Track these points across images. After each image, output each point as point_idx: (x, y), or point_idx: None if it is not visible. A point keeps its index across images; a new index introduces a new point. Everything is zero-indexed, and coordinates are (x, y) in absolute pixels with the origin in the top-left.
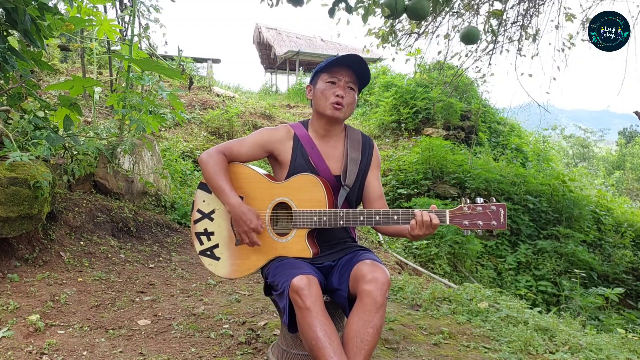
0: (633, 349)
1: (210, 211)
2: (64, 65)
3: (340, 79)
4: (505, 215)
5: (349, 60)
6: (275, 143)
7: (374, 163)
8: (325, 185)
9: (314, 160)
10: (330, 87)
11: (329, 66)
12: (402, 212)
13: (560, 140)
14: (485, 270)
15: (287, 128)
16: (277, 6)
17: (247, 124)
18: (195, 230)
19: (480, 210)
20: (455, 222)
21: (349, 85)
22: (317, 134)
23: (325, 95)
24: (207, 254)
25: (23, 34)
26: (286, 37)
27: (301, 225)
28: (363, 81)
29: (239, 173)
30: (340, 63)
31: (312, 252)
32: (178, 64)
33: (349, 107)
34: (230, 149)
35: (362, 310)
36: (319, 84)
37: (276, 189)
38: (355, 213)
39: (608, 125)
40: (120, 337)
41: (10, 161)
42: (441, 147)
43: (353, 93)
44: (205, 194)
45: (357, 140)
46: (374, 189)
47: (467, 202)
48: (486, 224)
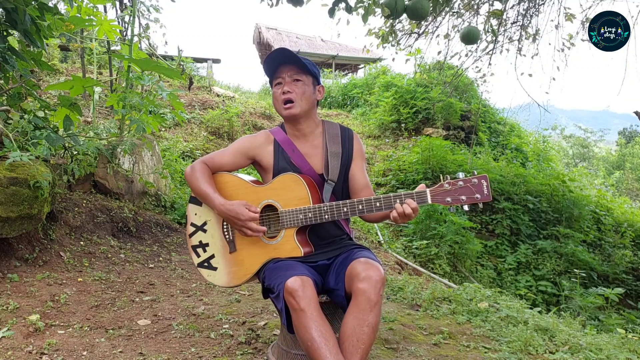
0: (633, 349)
1: (203, 223)
2: (64, 65)
3: (283, 77)
4: (489, 186)
5: (277, 57)
6: (256, 149)
7: (357, 154)
8: (308, 182)
9: (296, 162)
10: (278, 88)
11: (268, 73)
12: (383, 198)
13: (560, 140)
14: (485, 270)
15: (266, 134)
16: (277, 6)
17: (247, 124)
18: (191, 244)
19: (461, 185)
20: (437, 201)
21: (293, 78)
22: (294, 136)
23: (276, 98)
24: (205, 266)
25: (23, 34)
26: (286, 37)
27: (288, 224)
28: (307, 69)
29: (225, 182)
30: (273, 63)
31: (302, 251)
32: (178, 64)
33: (302, 98)
34: (212, 159)
35: (356, 309)
36: (272, 92)
37: (262, 192)
38: (338, 205)
39: (608, 125)
40: (120, 337)
41: (10, 161)
42: (441, 147)
43: (301, 83)
44: (196, 207)
45: (336, 134)
46: (358, 179)
47: (448, 179)
48: (470, 198)
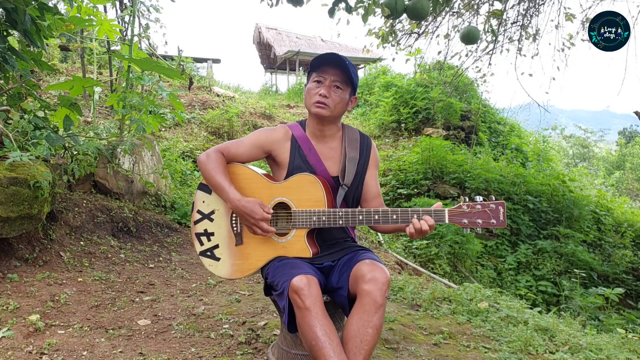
0: (633, 349)
1: (210, 212)
2: (64, 65)
3: (325, 77)
4: (505, 213)
5: (334, 58)
6: (273, 144)
7: (372, 162)
8: (324, 185)
9: (312, 161)
10: (316, 86)
11: (316, 65)
12: (401, 212)
13: (560, 140)
14: (485, 270)
15: (285, 129)
16: (277, 6)
17: (247, 124)
18: (196, 231)
19: (479, 209)
20: (454, 221)
21: (334, 84)
22: (314, 135)
23: (310, 94)
24: (208, 255)
25: (23, 34)
26: (286, 37)
27: (300, 225)
28: (351, 80)
29: (238, 173)
30: (325, 61)
31: (311, 252)
32: (178, 64)
33: (336, 107)
34: (228, 149)
35: (361, 310)
36: (309, 83)
37: (275, 189)
38: (354, 212)
39: (608, 125)
40: (120, 337)
41: (10, 161)
42: (441, 147)
43: (340, 92)
44: (205, 195)
45: (356, 139)
46: (371, 188)
47: (466, 201)
48: (485, 222)
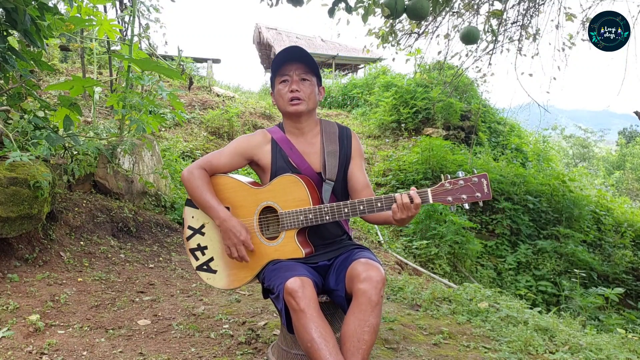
0: (633, 349)
1: (200, 226)
2: (64, 65)
3: (290, 74)
4: (489, 184)
5: (290, 54)
6: (254, 149)
7: (355, 152)
8: (307, 183)
9: (294, 160)
10: (284, 85)
11: (276, 67)
12: (385, 198)
13: (560, 140)
14: (485, 270)
15: (263, 132)
16: (277, 6)
17: (247, 124)
18: (189, 247)
19: (462, 184)
20: (438, 200)
21: (301, 77)
22: (293, 134)
23: (281, 95)
24: (204, 269)
25: (23, 34)
26: (286, 37)
27: (289, 226)
28: (315, 68)
29: (223, 184)
30: (285, 59)
31: (304, 252)
32: (178, 64)
33: (309, 98)
34: (210, 162)
35: (357, 310)
36: (275, 88)
37: (260, 194)
38: (339, 206)
39: (608, 125)
40: (120, 337)
41: (10, 161)
42: (441, 147)
43: (308, 83)
44: (193, 210)
45: (334, 132)
46: (358, 179)
47: (448, 178)
48: (470, 196)
